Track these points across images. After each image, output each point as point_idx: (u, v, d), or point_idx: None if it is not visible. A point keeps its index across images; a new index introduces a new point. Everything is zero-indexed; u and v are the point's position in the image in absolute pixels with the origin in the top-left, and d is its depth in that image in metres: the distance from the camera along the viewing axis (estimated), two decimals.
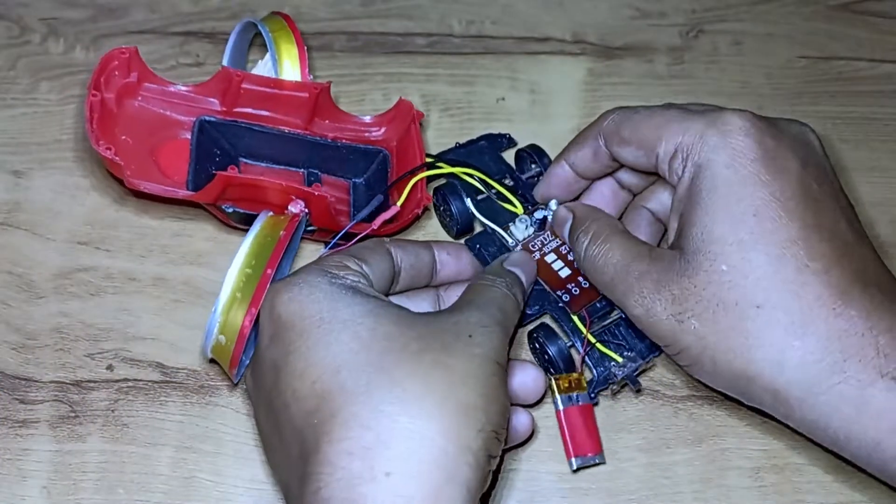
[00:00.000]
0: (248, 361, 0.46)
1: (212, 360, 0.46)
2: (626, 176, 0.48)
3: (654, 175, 0.47)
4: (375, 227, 0.47)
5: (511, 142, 0.53)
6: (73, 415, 0.46)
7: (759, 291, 0.40)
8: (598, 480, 0.46)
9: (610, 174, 0.49)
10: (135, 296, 0.49)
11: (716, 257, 0.41)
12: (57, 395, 0.46)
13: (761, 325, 0.40)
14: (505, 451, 0.45)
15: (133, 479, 0.45)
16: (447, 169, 0.50)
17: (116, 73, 0.50)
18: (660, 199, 0.48)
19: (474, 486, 0.36)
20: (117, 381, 0.47)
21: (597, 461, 0.46)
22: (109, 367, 0.47)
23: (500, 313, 0.41)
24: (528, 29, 0.58)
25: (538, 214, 0.48)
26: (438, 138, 0.54)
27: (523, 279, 0.45)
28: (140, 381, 0.47)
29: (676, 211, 0.44)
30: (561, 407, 0.46)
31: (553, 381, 0.46)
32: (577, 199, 0.50)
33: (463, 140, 0.52)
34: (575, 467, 0.45)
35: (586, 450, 0.45)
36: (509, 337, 0.41)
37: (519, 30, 0.58)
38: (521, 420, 0.43)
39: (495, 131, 0.53)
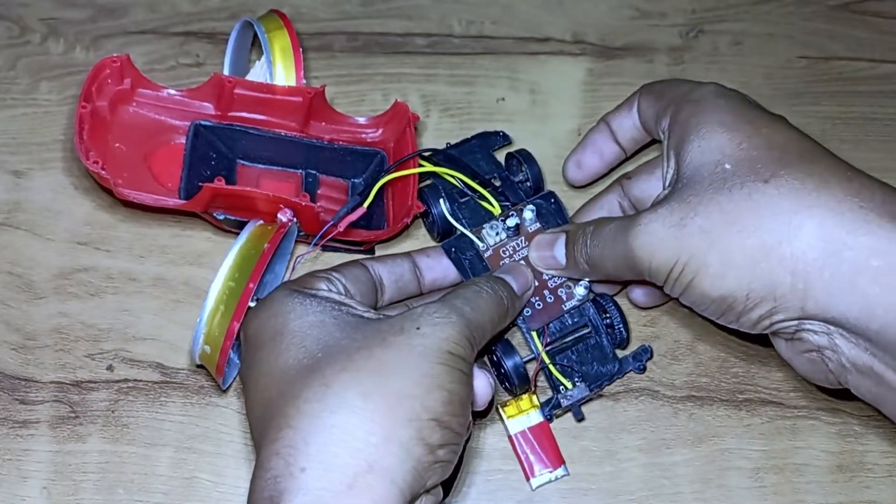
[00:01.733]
0: (234, 369, 0.46)
1: (200, 366, 0.46)
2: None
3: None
4: (341, 229, 0.47)
5: (506, 138, 0.52)
6: (73, 415, 0.46)
7: (767, 168, 0.40)
8: (598, 480, 0.46)
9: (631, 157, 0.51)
10: (135, 296, 0.49)
11: (718, 159, 0.41)
12: (57, 395, 0.46)
13: (771, 195, 0.39)
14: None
15: (133, 479, 0.45)
16: (429, 168, 0.49)
17: (109, 80, 0.50)
18: None
19: (401, 475, 0.36)
20: (117, 381, 0.47)
21: (558, 476, 0.46)
22: (109, 368, 0.47)
23: (468, 306, 0.41)
24: (528, 29, 0.58)
25: (510, 221, 0.48)
26: (438, 139, 0.54)
27: (514, 285, 0.45)
28: (140, 381, 0.47)
29: (667, 152, 0.44)
30: (511, 432, 0.46)
31: (500, 409, 0.46)
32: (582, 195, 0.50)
33: (456, 140, 0.52)
34: (533, 487, 0.45)
35: (542, 468, 0.45)
36: (478, 331, 0.41)
37: (519, 30, 0.58)
38: (478, 384, 0.43)
39: (490, 129, 0.53)
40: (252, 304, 0.45)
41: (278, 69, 0.51)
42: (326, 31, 0.57)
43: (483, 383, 0.43)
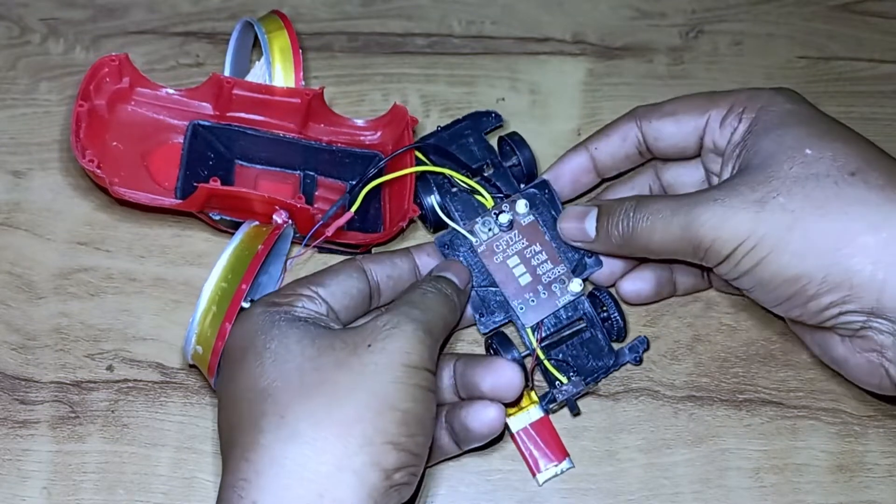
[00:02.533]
0: None
1: (193, 366, 0.46)
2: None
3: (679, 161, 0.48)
4: (329, 234, 0.47)
5: (498, 119, 0.52)
6: (73, 415, 0.46)
7: (851, 162, 0.40)
8: (598, 480, 0.46)
9: (623, 174, 0.49)
10: (135, 296, 0.49)
11: (798, 147, 0.41)
12: (57, 395, 0.46)
13: (859, 186, 0.40)
14: (475, 449, 0.45)
15: (133, 479, 0.45)
16: (422, 168, 0.49)
17: (108, 79, 0.50)
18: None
19: (356, 502, 0.36)
20: (117, 381, 0.47)
21: (564, 469, 0.46)
22: (109, 368, 0.47)
23: (415, 308, 0.41)
24: (528, 29, 0.58)
25: (503, 218, 0.48)
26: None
27: (455, 280, 0.45)
28: (140, 381, 0.47)
29: (731, 155, 0.44)
30: (513, 430, 0.46)
31: None
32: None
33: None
34: (540, 483, 0.45)
35: (547, 463, 0.45)
36: (432, 332, 0.41)
37: (519, 30, 0.58)
38: (484, 415, 0.42)
39: (482, 109, 0.53)
40: (245, 305, 0.45)
41: (277, 70, 0.51)
42: (326, 31, 0.57)
43: (511, 374, 0.43)
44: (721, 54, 0.58)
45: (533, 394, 0.46)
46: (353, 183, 0.51)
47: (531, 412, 0.46)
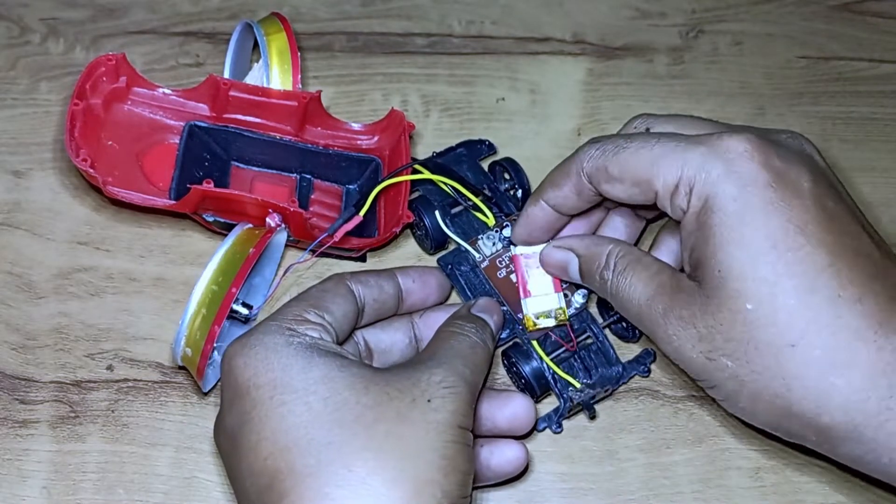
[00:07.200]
0: (218, 371, 0.46)
1: (182, 367, 0.46)
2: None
3: (654, 209, 0.43)
4: (337, 239, 0.47)
5: (491, 147, 0.52)
6: (73, 415, 0.46)
7: (791, 329, 0.38)
8: (598, 480, 0.46)
9: (599, 205, 0.46)
10: (135, 296, 0.49)
11: (738, 295, 0.38)
12: (57, 395, 0.46)
13: (798, 364, 0.38)
14: (497, 484, 0.45)
15: (133, 479, 0.45)
16: (428, 175, 0.49)
17: (104, 78, 0.50)
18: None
19: None
20: (117, 381, 0.47)
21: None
22: (109, 368, 0.47)
23: (467, 367, 0.40)
24: (528, 29, 0.58)
25: (507, 232, 0.48)
26: (438, 139, 0.54)
27: (492, 325, 0.44)
28: (140, 381, 0.47)
29: (687, 244, 0.41)
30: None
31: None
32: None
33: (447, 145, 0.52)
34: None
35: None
36: (476, 392, 0.40)
37: (519, 30, 0.58)
38: (509, 454, 0.42)
39: (490, 129, 0.53)
40: (238, 308, 0.45)
41: (275, 73, 0.51)
42: (326, 31, 0.57)
43: (524, 406, 0.43)
44: (721, 54, 0.58)
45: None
46: (351, 187, 0.51)
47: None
